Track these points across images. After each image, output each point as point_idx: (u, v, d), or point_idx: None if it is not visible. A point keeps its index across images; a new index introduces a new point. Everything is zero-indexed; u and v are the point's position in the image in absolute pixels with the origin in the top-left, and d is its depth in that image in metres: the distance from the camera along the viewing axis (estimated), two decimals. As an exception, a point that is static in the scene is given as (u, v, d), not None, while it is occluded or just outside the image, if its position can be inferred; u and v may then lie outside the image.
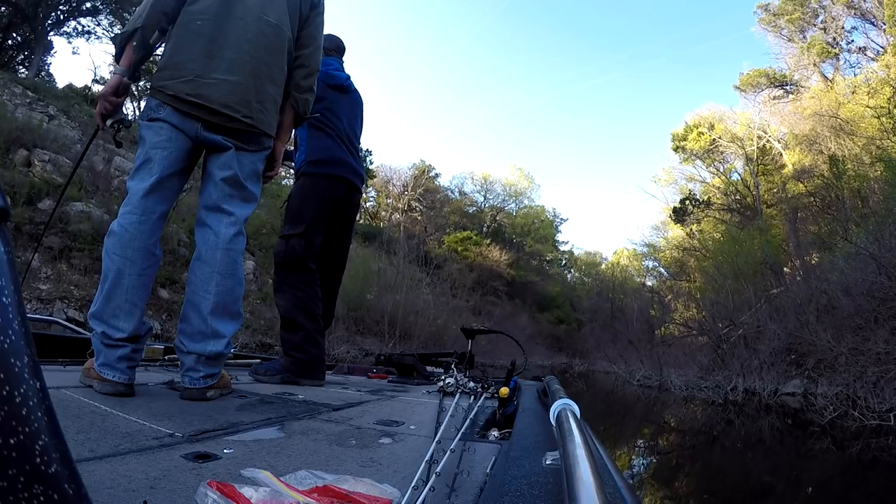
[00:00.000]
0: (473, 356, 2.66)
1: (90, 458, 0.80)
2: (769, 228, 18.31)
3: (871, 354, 7.41)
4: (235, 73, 1.57)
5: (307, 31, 1.82)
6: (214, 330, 1.55)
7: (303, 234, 2.40)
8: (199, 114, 1.54)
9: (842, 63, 19.85)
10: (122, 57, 1.54)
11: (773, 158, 21.74)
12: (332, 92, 2.55)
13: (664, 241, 28.42)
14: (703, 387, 10.65)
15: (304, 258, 2.40)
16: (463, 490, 0.77)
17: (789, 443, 5.69)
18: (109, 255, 1.46)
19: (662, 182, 27.56)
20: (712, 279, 16.27)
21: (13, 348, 0.25)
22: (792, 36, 20.96)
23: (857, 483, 3.94)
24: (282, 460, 0.90)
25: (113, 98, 1.55)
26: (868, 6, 18.40)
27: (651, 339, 16.81)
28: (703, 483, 4.01)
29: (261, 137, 1.68)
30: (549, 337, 32.36)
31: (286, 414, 1.37)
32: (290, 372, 2.24)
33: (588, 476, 0.51)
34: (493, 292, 31.61)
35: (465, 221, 36.53)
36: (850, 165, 14.98)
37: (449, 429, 1.11)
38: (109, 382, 1.39)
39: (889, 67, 15.88)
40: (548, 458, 0.81)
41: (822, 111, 17.44)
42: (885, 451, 4.85)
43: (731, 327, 12.45)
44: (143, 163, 1.53)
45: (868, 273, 8.69)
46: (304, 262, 2.40)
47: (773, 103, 21.58)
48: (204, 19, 1.56)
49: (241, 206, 1.65)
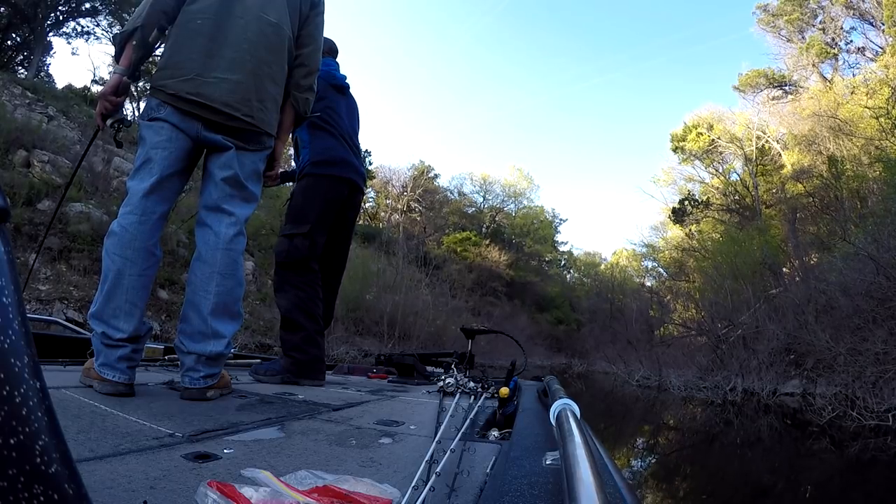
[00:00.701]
0: (473, 356, 2.66)
1: (90, 458, 0.80)
2: (768, 229, 18.32)
3: (869, 355, 7.41)
4: (236, 72, 1.57)
5: (307, 31, 1.82)
6: (214, 330, 1.55)
7: (307, 234, 2.38)
8: (199, 112, 1.54)
9: (841, 63, 19.91)
10: (121, 56, 1.54)
11: (772, 159, 21.77)
12: (332, 92, 2.55)
13: (663, 242, 28.44)
14: (702, 387, 10.66)
15: (308, 258, 2.39)
16: (463, 490, 0.77)
17: (788, 443, 5.69)
18: (109, 256, 1.46)
19: (661, 182, 27.62)
20: (711, 279, 16.28)
21: (13, 348, 0.25)
22: (791, 36, 21.00)
23: (855, 483, 3.95)
24: (282, 460, 0.90)
25: (113, 98, 1.55)
26: (867, 7, 18.44)
27: (650, 340, 16.83)
28: (702, 483, 4.01)
29: (261, 137, 1.68)
30: (549, 337, 32.37)
31: (286, 414, 1.37)
32: (289, 372, 2.23)
33: (588, 476, 0.51)
34: (492, 293, 31.62)
35: (464, 222, 36.53)
36: (848, 166, 15.00)
37: (449, 429, 1.11)
38: (109, 382, 1.38)
39: (888, 68, 15.90)
40: (548, 458, 0.81)
41: (820, 112, 17.46)
42: (884, 450, 4.86)
43: (730, 327, 12.46)
44: (144, 163, 1.52)
45: (866, 273, 8.70)
46: (307, 263, 2.39)
47: (772, 104, 21.61)
48: (204, 18, 1.56)
49: (241, 206, 1.65)
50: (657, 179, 27.83)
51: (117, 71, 1.53)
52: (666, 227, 28.21)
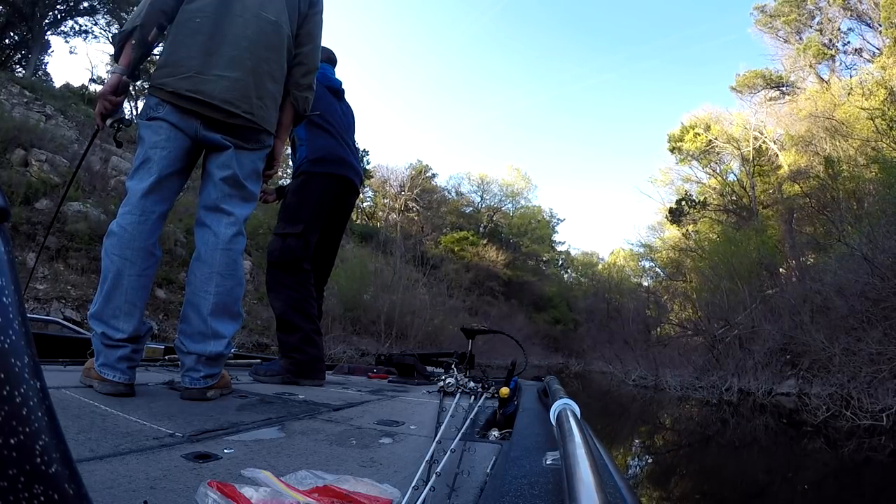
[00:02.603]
0: (474, 356, 2.66)
1: (90, 458, 0.80)
2: (765, 229, 18.37)
3: (863, 355, 7.45)
4: (235, 70, 1.56)
5: (306, 29, 1.81)
6: (214, 330, 1.54)
7: (300, 234, 2.37)
8: (199, 110, 1.53)
9: (838, 64, 19.96)
10: (121, 56, 1.53)
11: (769, 159, 21.84)
12: (328, 94, 2.55)
13: (660, 242, 28.49)
14: (699, 387, 10.70)
15: (300, 259, 2.37)
16: (463, 490, 0.77)
17: (783, 442, 5.72)
18: (109, 256, 1.46)
19: (659, 182, 27.67)
20: (708, 280, 16.31)
21: (13, 348, 0.25)
22: (788, 37, 21.06)
23: (850, 482, 3.97)
24: (282, 460, 0.90)
25: (112, 97, 1.54)
26: (864, 8, 18.50)
27: (647, 340, 16.85)
28: (699, 482, 4.02)
29: (261, 135, 1.67)
30: (546, 337, 32.43)
31: (286, 414, 1.37)
32: (289, 373, 2.23)
33: (588, 476, 0.51)
34: (489, 292, 31.64)
35: (461, 222, 36.54)
36: (845, 167, 15.04)
37: (449, 429, 1.11)
38: (110, 382, 1.38)
39: (884, 69, 15.97)
40: (548, 458, 0.81)
41: (817, 112, 17.52)
42: (878, 450, 4.88)
43: (727, 328, 12.49)
44: (143, 162, 1.52)
45: (861, 274, 8.73)
46: (299, 263, 2.37)
47: (769, 104, 21.66)
48: (203, 17, 1.55)
49: (240, 205, 1.64)
50: (654, 179, 27.93)
51: (116, 70, 1.53)
52: (663, 227, 28.28)
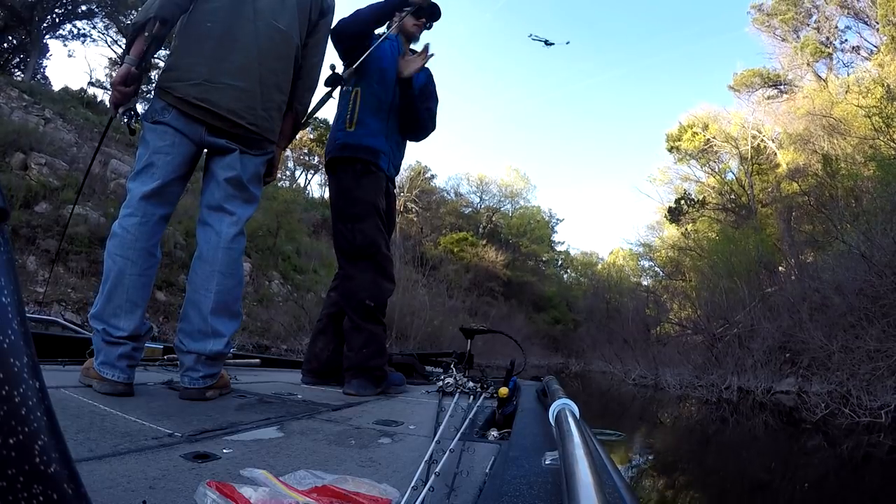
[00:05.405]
0: (473, 356, 2.66)
1: (89, 457, 0.80)
2: (764, 227, 18.39)
3: (862, 353, 7.45)
4: (243, 80, 1.57)
5: (314, 40, 1.83)
6: (214, 329, 1.55)
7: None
8: (204, 118, 1.54)
9: (835, 63, 19.97)
10: (132, 46, 1.52)
11: (768, 158, 21.84)
12: None
13: (659, 241, 28.50)
14: (698, 385, 10.70)
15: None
16: (462, 490, 0.77)
17: (783, 440, 5.72)
18: (111, 257, 1.47)
19: (657, 182, 27.67)
20: (707, 278, 16.30)
21: (13, 348, 0.25)
22: (785, 36, 21.07)
23: (849, 479, 3.97)
24: (281, 460, 0.90)
25: (122, 87, 1.53)
26: (861, 6, 18.52)
27: (647, 339, 16.82)
28: (699, 481, 4.03)
29: (264, 143, 1.69)
30: (546, 337, 32.39)
31: (285, 414, 1.37)
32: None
33: (587, 476, 0.51)
34: (489, 293, 31.61)
35: (460, 222, 36.51)
36: (843, 164, 15.06)
37: (448, 429, 1.11)
38: (109, 382, 1.38)
39: (882, 66, 15.98)
40: (547, 458, 0.81)
41: (815, 111, 17.52)
42: (877, 447, 4.89)
43: (726, 326, 12.50)
44: (146, 167, 1.52)
45: (859, 272, 8.73)
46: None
47: (766, 103, 21.67)
48: (214, 21, 1.56)
49: (242, 206, 1.66)
50: (653, 179, 27.93)
51: (127, 61, 1.52)
52: (662, 226, 28.29)
